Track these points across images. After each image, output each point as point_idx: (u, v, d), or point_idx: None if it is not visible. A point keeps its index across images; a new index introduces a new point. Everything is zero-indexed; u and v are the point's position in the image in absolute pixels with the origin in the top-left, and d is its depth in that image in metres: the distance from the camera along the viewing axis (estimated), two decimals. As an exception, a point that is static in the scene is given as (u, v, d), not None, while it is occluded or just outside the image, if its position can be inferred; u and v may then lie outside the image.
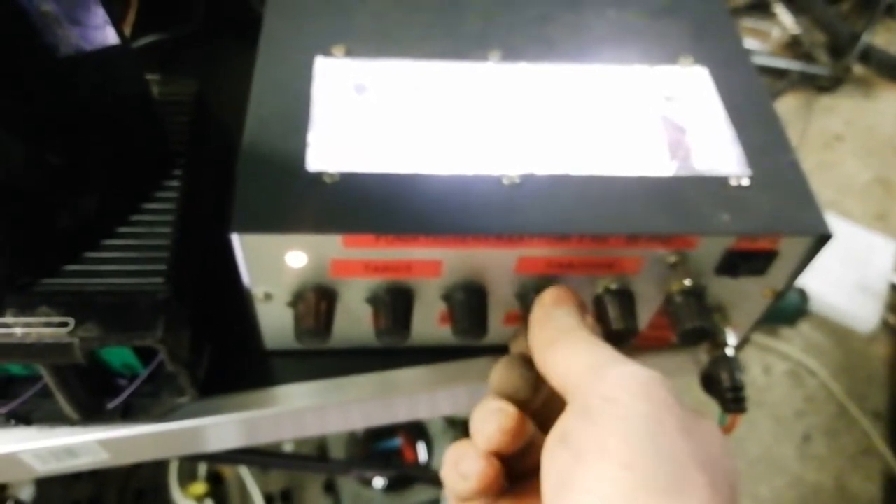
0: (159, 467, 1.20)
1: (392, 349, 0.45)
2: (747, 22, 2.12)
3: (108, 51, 0.38)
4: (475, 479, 0.32)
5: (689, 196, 0.40)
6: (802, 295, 1.56)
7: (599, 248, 0.39)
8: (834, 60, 2.05)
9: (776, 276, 0.42)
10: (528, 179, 0.40)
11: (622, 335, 0.40)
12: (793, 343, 1.60)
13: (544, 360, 0.34)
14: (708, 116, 0.44)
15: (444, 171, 0.40)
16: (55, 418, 0.39)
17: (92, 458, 0.42)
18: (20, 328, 0.35)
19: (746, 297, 0.44)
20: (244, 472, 1.19)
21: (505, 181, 0.40)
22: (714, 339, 0.43)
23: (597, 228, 0.38)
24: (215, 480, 1.21)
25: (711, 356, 0.43)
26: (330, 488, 1.21)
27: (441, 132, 0.42)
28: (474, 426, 0.34)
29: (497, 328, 0.44)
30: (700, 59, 0.47)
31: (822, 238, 0.39)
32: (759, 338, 1.60)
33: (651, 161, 0.41)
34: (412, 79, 0.44)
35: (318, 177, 0.39)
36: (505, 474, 0.33)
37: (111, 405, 0.40)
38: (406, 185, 0.39)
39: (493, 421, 0.33)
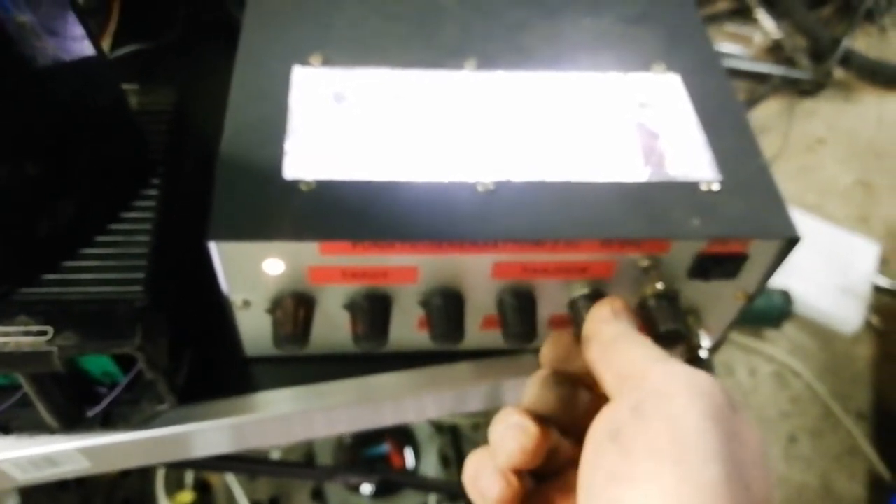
0: (146, 476, 1.19)
1: (371, 355, 0.45)
2: (729, 27, 2.15)
3: (85, 62, 0.38)
4: (494, 501, 0.32)
5: (662, 201, 0.41)
6: (786, 297, 1.57)
7: (573, 252, 0.39)
8: (815, 65, 2.08)
9: (747, 278, 0.43)
10: (503, 186, 0.40)
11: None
12: (777, 345, 1.61)
13: (602, 355, 0.34)
14: (680, 122, 0.45)
15: (420, 179, 0.40)
16: (35, 427, 0.40)
17: (73, 467, 0.43)
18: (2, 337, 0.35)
19: (719, 299, 0.44)
20: (231, 480, 1.19)
21: (480, 188, 0.40)
22: (688, 341, 0.43)
23: (570, 233, 0.39)
24: (202, 489, 1.21)
25: (686, 358, 0.43)
26: (318, 495, 1.21)
27: (417, 140, 0.42)
28: (494, 439, 0.33)
29: (474, 333, 0.44)
30: (673, 67, 0.47)
31: (791, 241, 0.40)
32: (744, 340, 1.61)
33: (625, 167, 0.42)
34: (389, 87, 0.45)
35: (294, 185, 0.39)
36: (528, 474, 0.33)
37: (91, 413, 0.40)
38: (382, 193, 0.39)
39: (513, 439, 0.32)
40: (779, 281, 1.61)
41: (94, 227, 0.39)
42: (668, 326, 0.41)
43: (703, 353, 0.43)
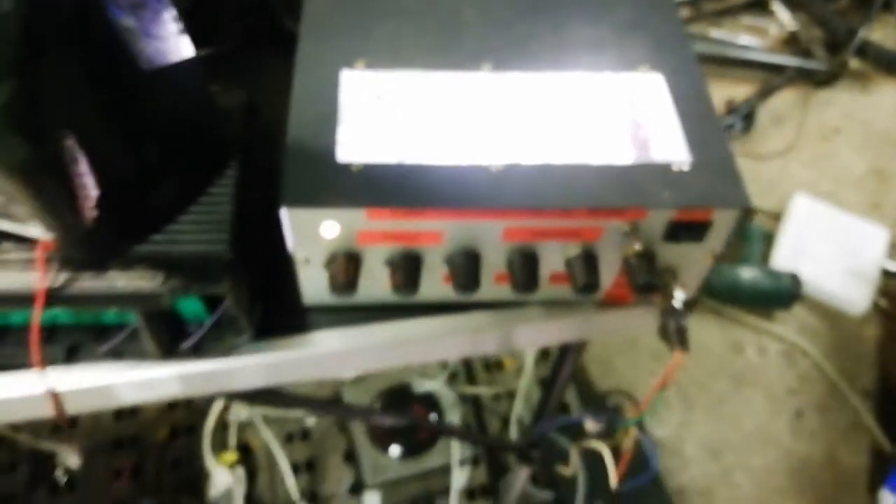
0: (193, 439, 1.31)
1: (405, 305, 0.55)
2: (746, 19, 2.21)
3: (181, 63, 0.49)
4: None
5: (641, 179, 0.50)
6: (795, 280, 1.63)
7: (568, 219, 0.49)
8: (831, 55, 2.13)
9: (713, 242, 0.52)
10: (512, 168, 0.50)
11: (587, 288, 0.51)
12: (787, 325, 1.68)
13: None
14: (661, 114, 0.54)
15: (445, 161, 0.50)
16: (141, 355, 0.50)
17: (166, 390, 0.53)
18: (122, 282, 0.46)
19: (692, 260, 0.54)
20: (272, 442, 1.30)
21: (493, 169, 0.50)
22: (664, 293, 0.53)
23: (565, 203, 0.49)
24: (244, 451, 1.32)
25: (662, 308, 0.53)
26: (350, 458, 1.32)
27: (443, 129, 0.52)
28: None
29: (489, 287, 0.54)
30: (656, 67, 0.57)
31: (746, 210, 0.49)
32: (753, 320, 1.68)
33: (613, 151, 0.52)
34: (420, 86, 0.55)
35: (346, 167, 0.49)
36: None
37: (185, 345, 0.50)
38: (415, 172, 0.49)
39: None
40: (789, 264, 1.68)
41: (189, 198, 0.50)
42: (645, 279, 0.50)
43: (677, 304, 0.53)
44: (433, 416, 1.29)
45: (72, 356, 0.50)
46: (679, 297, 0.53)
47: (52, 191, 0.40)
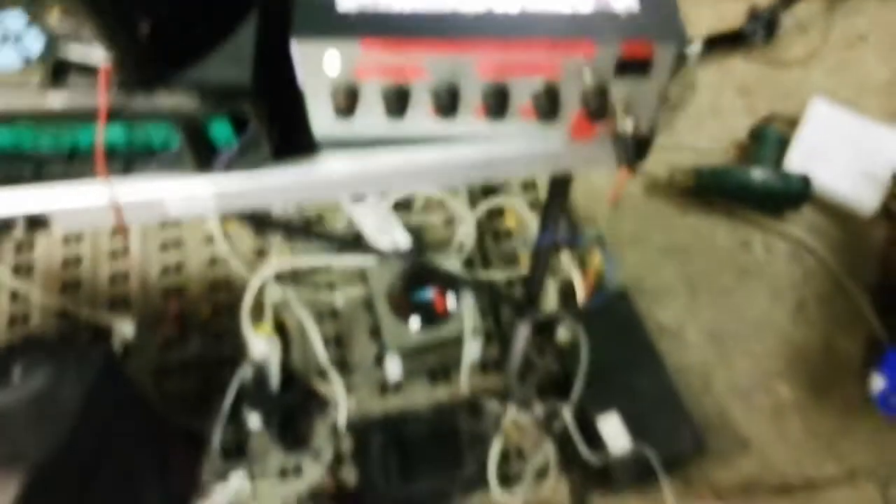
0: (233, 317, 1.45)
1: (402, 140, 0.66)
2: (771, -75, 2.19)
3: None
4: None
5: (596, 23, 0.60)
6: (805, 181, 1.69)
7: (530, 51, 0.59)
8: (860, -39, 2.11)
9: (658, 77, 0.61)
10: (487, 14, 0.60)
11: (549, 114, 0.61)
12: (796, 224, 1.74)
13: None
14: (618, -31, 0.63)
15: (429, 9, 0.60)
16: (183, 169, 0.62)
17: (204, 206, 0.65)
18: (167, 102, 0.57)
19: (641, 95, 0.63)
20: (305, 317, 1.44)
21: (471, 15, 0.60)
22: (614, 121, 0.62)
23: (530, 37, 0.58)
24: (279, 329, 1.46)
25: (612, 134, 0.63)
26: (375, 333, 1.46)
27: (429, -18, 0.62)
28: None
29: (470, 119, 0.65)
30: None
31: (681, 42, 0.58)
32: (763, 220, 1.74)
33: (574, 2, 0.61)
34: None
35: (346, 14, 0.59)
36: None
37: (219, 160, 0.62)
38: (403, 17, 0.59)
39: None
40: (803, 166, 1.73)
41: (218, 38, 0.60)
42: (597, 106, 0.60)
43: (626, 130, 0.62)
44: (451, 295, 1.40)
45: (128, 169, 0.62)
46: (627, 124, 0.62)
47: (111, 15, 0.51)
